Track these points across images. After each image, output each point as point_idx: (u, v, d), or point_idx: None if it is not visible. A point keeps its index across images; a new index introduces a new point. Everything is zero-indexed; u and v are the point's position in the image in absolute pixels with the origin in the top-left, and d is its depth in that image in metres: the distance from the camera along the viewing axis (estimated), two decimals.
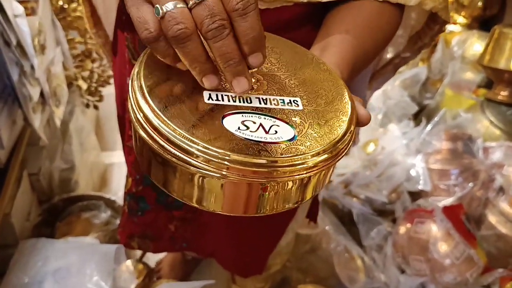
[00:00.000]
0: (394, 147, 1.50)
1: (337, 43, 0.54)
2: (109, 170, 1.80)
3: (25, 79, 1.07)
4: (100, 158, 1.81)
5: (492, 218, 1.31)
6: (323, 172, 0.38)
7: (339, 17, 0.59)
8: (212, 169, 0.34)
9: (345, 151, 0.39)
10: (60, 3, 1.38)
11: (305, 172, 0.36)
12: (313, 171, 0.36)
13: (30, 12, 1.05)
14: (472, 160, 1.41)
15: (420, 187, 1.41)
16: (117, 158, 1.79)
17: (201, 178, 0.35)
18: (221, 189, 0.36)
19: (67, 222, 1.34)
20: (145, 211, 0.98)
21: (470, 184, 1.35)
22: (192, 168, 0.34)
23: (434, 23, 0.69)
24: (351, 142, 0.40)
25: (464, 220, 1.27)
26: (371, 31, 0.58)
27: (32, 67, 1.07)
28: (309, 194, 0.39)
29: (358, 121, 0.43)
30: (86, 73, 1.57)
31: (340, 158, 0.39)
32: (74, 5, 1.40)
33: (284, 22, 0.64)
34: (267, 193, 0.36)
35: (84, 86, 1.59)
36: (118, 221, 1.35)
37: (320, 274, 1.36)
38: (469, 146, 1.45)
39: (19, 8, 1.00)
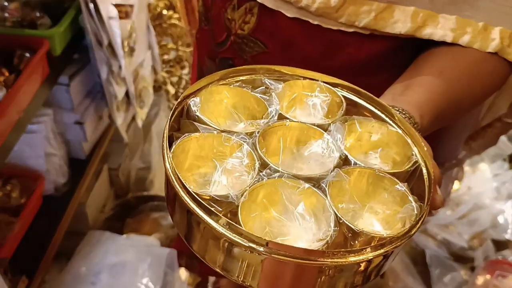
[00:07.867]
0: (483, 189, 1.38)
1: (425, 83, 0.48)
2: None
3: (112, 78, 1.12)
4: None
5: None
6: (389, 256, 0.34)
7: (434, 57, 0.52)
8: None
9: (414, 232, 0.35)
10: (158, 9, 1.44)
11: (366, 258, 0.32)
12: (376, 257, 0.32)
13: (124, 15, 1.10)
14: None
15: (507, 236, 1.29)
16: None
17: (228, 244, 0.31)
18: (260, 265, 0.31)
19: (137, 220, 1.38)
20: None
21: None
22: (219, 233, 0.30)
23: None
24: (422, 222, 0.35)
25: None
26: (469, 78, 0.51)
27: (120, 67, 1.13)
28: (372, 276, 0.34)
29: (431, 206, 0.38)
30: (175, 79, 1.61)
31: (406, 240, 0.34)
32: (170, 12, 1.45)
33: (367, 58, 0.56)
34: (321, 277, 0.31)
35: (172, 91, 1.63)
36: None
37: None
38: None
39: (114, 11, 1.05)
